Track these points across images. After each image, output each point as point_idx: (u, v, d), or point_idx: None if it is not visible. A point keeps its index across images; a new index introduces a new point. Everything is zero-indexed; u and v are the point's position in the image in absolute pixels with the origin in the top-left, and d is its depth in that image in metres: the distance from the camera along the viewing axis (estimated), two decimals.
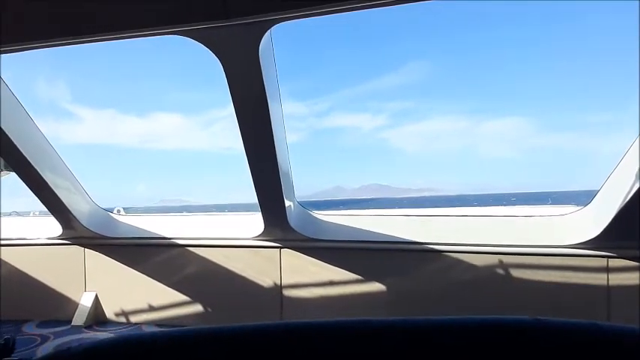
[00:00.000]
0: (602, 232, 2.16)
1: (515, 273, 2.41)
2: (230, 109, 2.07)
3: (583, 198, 2.45)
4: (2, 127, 2.31)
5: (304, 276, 2.76)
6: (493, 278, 2.45)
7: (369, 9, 1.62)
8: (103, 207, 3.17)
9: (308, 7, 1.58)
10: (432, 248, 2.55)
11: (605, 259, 2.26)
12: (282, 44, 2.08)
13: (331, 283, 2.70)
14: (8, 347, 0.85)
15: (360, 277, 2.67)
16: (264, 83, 1.92)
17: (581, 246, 2.27)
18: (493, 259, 2.45)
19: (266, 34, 1.75)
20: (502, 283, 2.44)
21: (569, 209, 2.49)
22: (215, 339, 0.72)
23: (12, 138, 2.38)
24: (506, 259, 2.42)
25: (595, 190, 2.32)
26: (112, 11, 1.71)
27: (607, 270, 2.26)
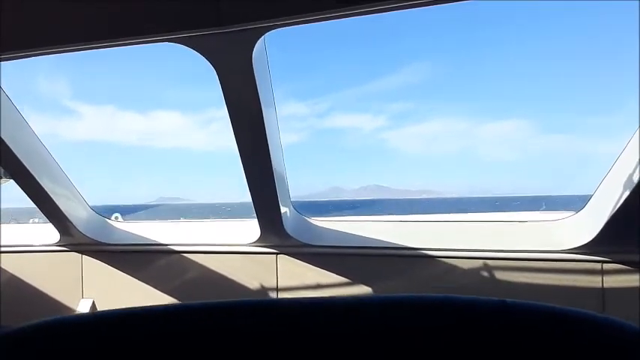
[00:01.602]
0: (596, 237, 2.17)
1: (510, 278, 2.42)
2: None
3: (581, 201, 2.46)
4: (1, 134, 2.32)
5: (301, 281, 2.77)
6: (487, 283, 2.46)
7: (368, 15, 1.63)
8: (102, 204, 3.18)
9: (304, 14, 1.60)
10: (427, 254, 2.55)
11: (600, 264, 2.27)
12: (282, 44, 2.09)
13: (327, 289, 2.71)
14: None
15: (356, 283, 2.68)
16: (259, 90, 1.94)
17: (576, 251, 2.28)
18: (487, 265, 2.45)
19: (259, 40, 1.77)
20: (496, 289, 2.44)
21: (563, 214, 2.51)
22: (168, 317, 0.73)
23: (10, 145, 2.39)
24: (500, 264, 2.43)
25: (591, 194, 2.33)
26: (101, 19, 1.73)
27: (602, 274, 2.26)
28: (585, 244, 2.22)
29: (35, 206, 2.84)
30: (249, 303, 0.76)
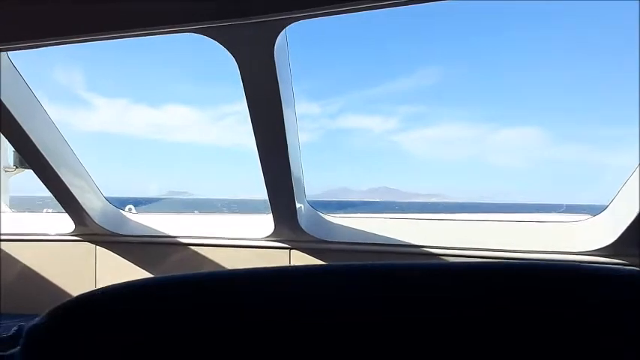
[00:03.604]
0: (617, 239, 2.13)
1: None
2: (242, 105, 2.09)
3: (594, 211, 2.42)
4: (20, 123, 2.34)
5: None
6: None
7: (388, 8, 1.62)
8: (112, 195, 3.20)
9: (326, 6, 1.59)
10: (442, 252, 2.53)
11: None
12: (296, 43, 2.09)
13: None
14: (21, 334, 0.87)
15: None
16: (279, 83, 1.94)
17: (596, 253, 2.24)
18: None
19: (281, 33, 1.76)
20: None
21: (583, 217, 2.47)
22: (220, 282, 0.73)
23: (31, 136, 2.41)
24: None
25: (605, 205, 2.29)
26: (124, 9, 1.73)
27: None
28: (606, 246, 2.18)
29: (49, 196, 2.87)
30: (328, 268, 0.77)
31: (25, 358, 0.60)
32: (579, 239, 2.34)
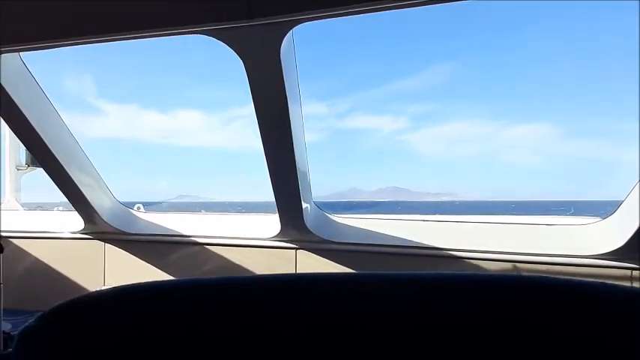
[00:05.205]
0: (626, 243, 2.10)
1: None
2: (249, 109, 2.10)
3: (609, 208, 2.39)
4: (32, 123, 2.38)
5: None
6: None
7: (395, 9, 1.61)
8: (124, 200, 3.23)
9: (332, 8, 1.59)
10: (449, 254, 2.51)
11: (630, 271, 2.20)
12: (304, 43, 2.09)
13: None
14: None
15: None
16: (285, 84, 1.94)
17: (605, 256, 2.21)
18: (512, 267, 2.41)
19: (288, 34, 1.77)
20: None
21: (592, 219, 2.44)
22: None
23: (41, 135, 2.45)
24: (526, 267, 2.38)
25: (620, 200, 2.26)
26: (134, 10, 1.75)
27: (631, 281, 2.20)
28: (615, 250, 2.16)
29: (61, 195, 2.91)
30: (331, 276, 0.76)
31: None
32: (588, 242, 2.31)
